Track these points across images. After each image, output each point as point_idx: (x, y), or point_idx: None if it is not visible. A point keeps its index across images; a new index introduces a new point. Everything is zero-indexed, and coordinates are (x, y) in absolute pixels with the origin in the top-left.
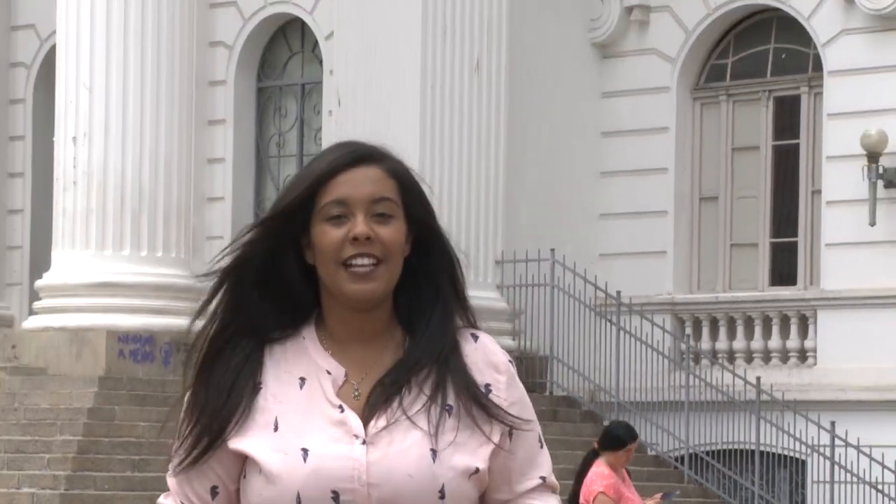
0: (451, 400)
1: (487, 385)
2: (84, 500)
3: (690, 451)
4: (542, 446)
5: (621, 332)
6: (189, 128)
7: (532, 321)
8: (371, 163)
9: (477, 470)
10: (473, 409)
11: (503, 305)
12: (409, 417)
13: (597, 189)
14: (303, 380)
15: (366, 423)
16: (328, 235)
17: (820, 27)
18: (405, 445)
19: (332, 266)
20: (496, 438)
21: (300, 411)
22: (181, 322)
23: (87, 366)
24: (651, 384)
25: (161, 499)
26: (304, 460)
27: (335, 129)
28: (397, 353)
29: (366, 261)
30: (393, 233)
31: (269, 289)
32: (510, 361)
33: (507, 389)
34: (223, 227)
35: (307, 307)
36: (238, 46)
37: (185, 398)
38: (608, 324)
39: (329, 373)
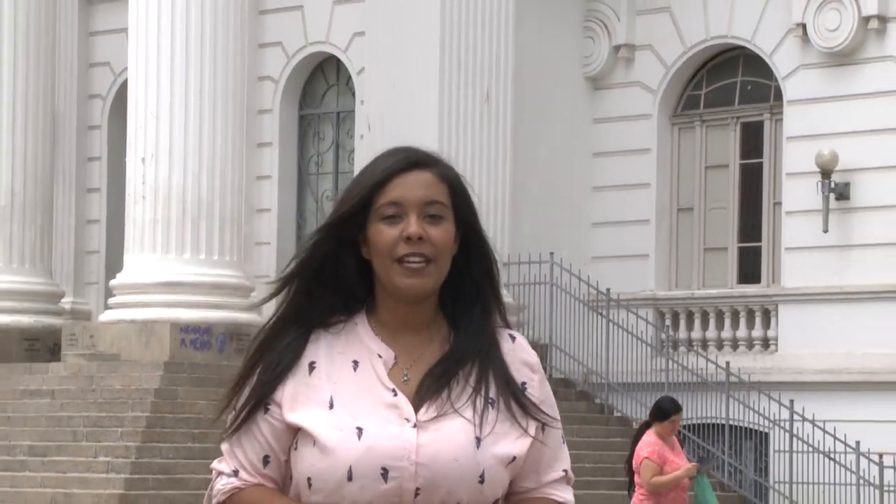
0: (493, 394)
1: (523, 383)
2: (151, 468)
3: None
4: (563, 442)
5: (610, 324)
6: (241, 149)
7: (534, 314)
8: (424, 168)
9: (514, 458)
10: (513, 404)
11: (510, 301)
12: (455, 409)
13: (589, 201)
14: (356, 363)
15: (416, 409)
16: (383, 234)
17: (780, 63)
18: (452, 432)
19: (387, 262)
20: (531, 432)
21: (354, 392)
22: (234, 315)
23: (153, 353)
24: (636, 368)
25: (214, 463)
26: (359, 438)
27: (365, 151)
28: (444, 345)
29: (417, 259)
30: (443, 234)
31: (326, 282)
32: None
33: (539, 388)
34: (270, 234)
35: (359, 299)
36: (283, 80)
37: (240, 375)
38: (599, 317)
39: (380, 356)
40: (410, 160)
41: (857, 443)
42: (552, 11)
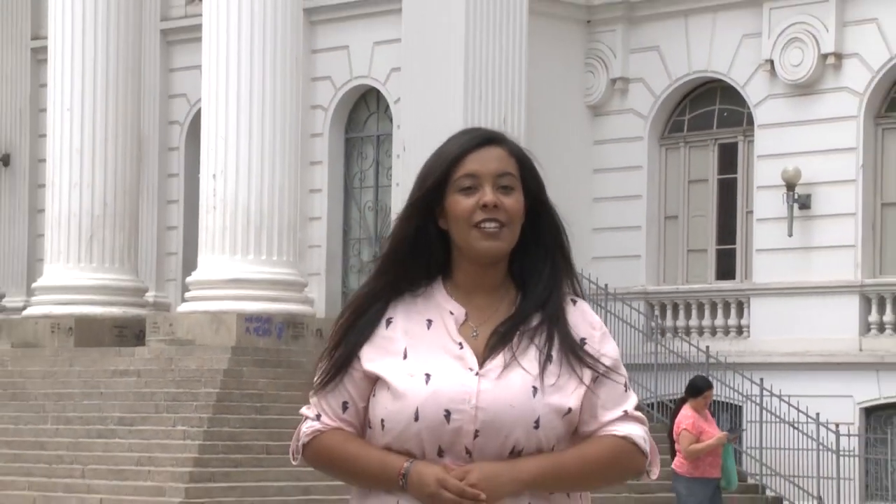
0: (553, 350)
1: (583, 339)
2: (220, 436)
3: (658, 399)
4: (626, 390)
5: (608, 314)
6: (296, 167)
7: None
8: (495, 144)
9: (569, 410)
10: (571, 358)
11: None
12: (517, 361)
13: (590, 210)
14: (430, 321)
15: (482, 362)
16: (461, 204)
17: (752, 93)
18: (511, 381)
19: (465, 228)
20: (587, 380)
21: (426, 345)
22: (290, 307)
23: (222, 339)
24: (630, 351)
25: (303, 409)
26: (426, 383)
27: (402, 168)
28: (511, 306)
29: (493, 224)
30: (514, 203)
31: (411, 253)
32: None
33: (599, 342)
34: (320, 238)
35: (437, 267)
36: (331, 109)
37: (331, 339)
38: (599, 308)
39: (452, 313)
40: (484, 137)
41: (817, 414)
42: (559, 50)
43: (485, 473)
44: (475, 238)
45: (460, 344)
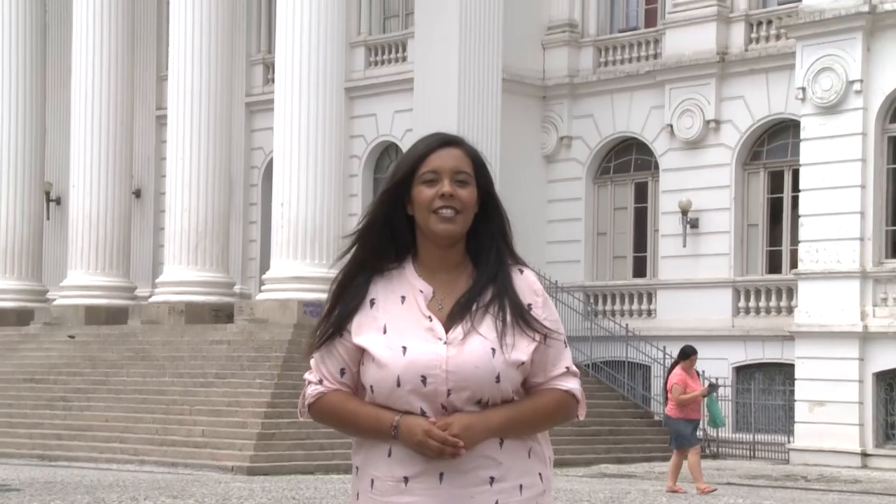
0: (506, 314)
1: (529, 304)
2: (286, 386)
3: (592, 361)
4: (566, 347)
5: (558, 302)
6: (339, 198)
7: None
8: (455, 146)
9: (523, 363)
10: (520, 322)
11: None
12: (476, 328)
13: (545, 229)
14: (403, 297)
15: (447, 329)
16: (424, 193)
17: (658, 147)
18: (473, 346)
19: (426, 213)
20: (537, 338)
21: (401, 320)
22: None
23: (288, 319)
24: (572, 328)
25: (306, 374)
26: (404, 354)
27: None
28: (469, 279)
29: (449, 210)
30: (468, 194)
31: (383, 235)
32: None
33: (542, 307)
34: None
35: (406, 249)
36: (364, 157)
37: (324, 308)
38: (551, 297)
39: (421, 291)
40: (445, 139)
41: (703, 370)
42: (523, 117)
43: (463, 424)
44: (434, 222)
45: (430, 318)
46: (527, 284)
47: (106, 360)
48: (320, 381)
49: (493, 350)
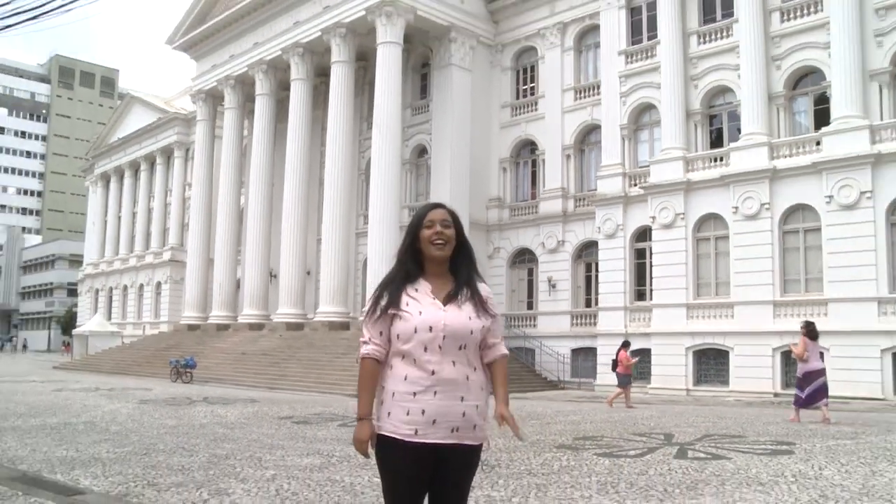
0: (475, 301)
1: (486, 298)
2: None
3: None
4: (502, 325)
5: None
6: (353, 253)
7: None
8: (441, 208)
9: (483, 326)
10: (482, 306)
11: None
12: (459, 307)
13: (485, 268)
14: (417, 289)
15: (444, 305)
16: (426, 233)
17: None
18: (460, 314)
19: (427, 244)
20: (491, 314)
21: (418, 300)
22: None
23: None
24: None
25: (361, 337)
26: (420, 315)
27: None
28: (451, 284)
29: (441, 241)
30: (450, 233)
31: (408, 258)
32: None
33: (491, 302)
34: (371, 285)
35: (419, 268)
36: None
37: (374, 294)
38: None
39: (429, 290)
40: (435, 204)
41: (570, 351)
42: (477, 238)
43: (507, 410)
44: (432, 249)
45: (433, 298)
46: (484, 290)
47: (293, 346)
48: (369, 340)
49: (470, 317)
